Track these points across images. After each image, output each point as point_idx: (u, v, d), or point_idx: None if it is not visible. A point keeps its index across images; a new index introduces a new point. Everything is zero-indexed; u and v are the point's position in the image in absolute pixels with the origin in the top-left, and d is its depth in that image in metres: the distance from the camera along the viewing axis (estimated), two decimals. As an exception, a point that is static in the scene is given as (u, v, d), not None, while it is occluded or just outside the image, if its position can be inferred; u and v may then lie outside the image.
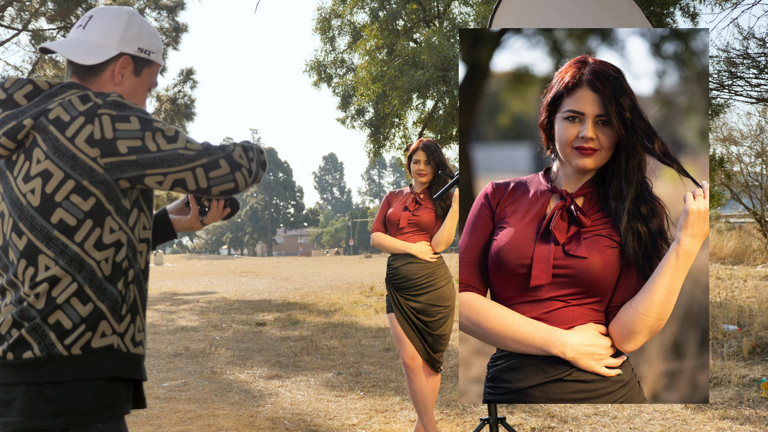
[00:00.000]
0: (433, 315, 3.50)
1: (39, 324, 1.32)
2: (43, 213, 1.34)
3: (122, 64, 1.50)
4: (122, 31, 1.50)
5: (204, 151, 1.41)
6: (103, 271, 1.37)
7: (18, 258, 1.36)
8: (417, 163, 3.60)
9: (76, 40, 1.49)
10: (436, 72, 11.10)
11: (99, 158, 1.35)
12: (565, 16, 3.26)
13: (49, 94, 1.41)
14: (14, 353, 1.32)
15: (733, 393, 4.59)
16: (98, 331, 1.35)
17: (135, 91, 1.53)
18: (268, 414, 4.49)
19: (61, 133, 1.34)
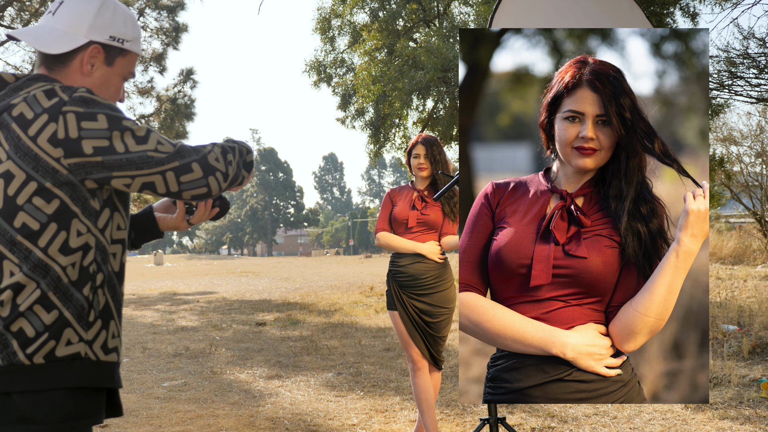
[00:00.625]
0: (436, 317, 3.50)
1: (2, 332, 1.26)
2: (6, 217, 1.27)
3: (91, 53, 1.39)
4: (92, 17, 1.38)
5: (176, 154, 1.31)
6: (69, 276, 1.29)
7: None
8: (417, 157, 3.58)
9: (44, 27, 1.38)
10: (436, 73, 11.10)
11: (62, 159, 1.26)
12: (565, 16, 3.26)
13: (14, 88, 1.32)
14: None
15: (733, 393, 4.59)
16: (63, 339, 1.28)
17: (107, 82, 1.43)
18: (268, 414, 4.49)
19: (23, 132, 1.26)
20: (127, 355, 6.93)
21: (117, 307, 1.39)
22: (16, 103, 1.29)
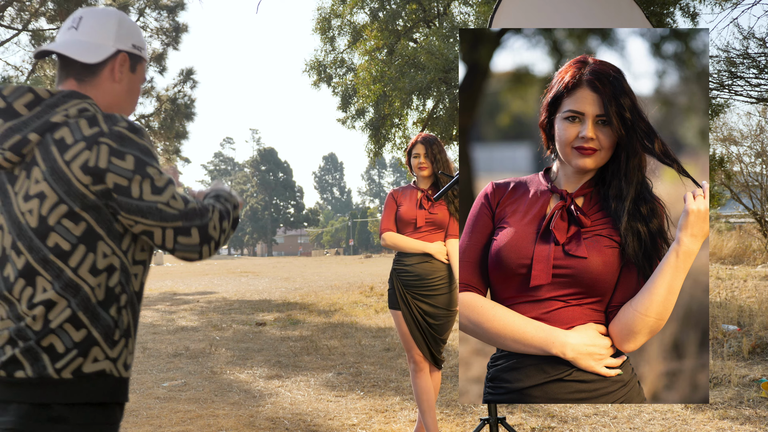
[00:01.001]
0: (440, 318, 3.49)
1: (33, 346, 1.32)
2: (40, 235, 1.33)
3: (120, 61, 1.48)
4: (116, 28, 1.48)
5: (182, 215, 1.37)
6: (96, 296, 1.36)
7: (16, 276, 1.35)
8: (417, 156, 3.57)
9: (73, 40, 1.45)
10: (437, 74, 11.10)
11: (90, 185, 1.33)
12: (565, 16, 3.26)
13: (50, 104, 1.38)
14: (6, 371, 1.33)
15: (733, 393, 4.59)
16: (90, 357, 1.35)
17: (132, 88, 1.53)
18: (268, 414, 4.49)
19: (60, 155, 1.33)
20: (127, 355, 6.93)
21: (135, 325, 1.46)
22: (57, 122, 1.35)
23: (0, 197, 1.38)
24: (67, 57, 1.44)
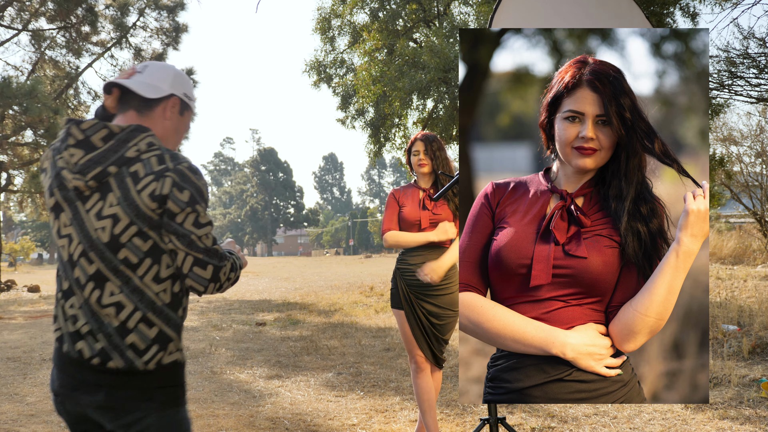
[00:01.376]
0: (444, 319, 3.48)
1: (118, 342, 1.61)
2: (111, 249, 1.61)
3: (172, 103, 1.76)
4: (173, 77, 1.78)
5: (206, 251, 1.64)
6: (162, 300, 1.64)
7: (86, 279, 1.62)
8: (416, 154, 3.56)
9: (138, 81, 1.74)
10: (436, 73, 11.10)
11: (156, 209, 1.60)
12: (564, 17, 3.26)
13: (122, 139, 1.63)
14: (100, 359, 1.61)
15: (733, 393, 4.59)
16: (167, 350, 1.65)
17: (178, 128, 1.80)
18: (268, 414, 4.49)
19: (133, 185, 1.60)
20: (127, 355, 6.93)
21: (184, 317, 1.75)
22: (131, 157, 1.62)
23: (71, 212, 1.64)
24: (131, 92, 1.71)
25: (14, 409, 4.71)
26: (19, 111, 16.16)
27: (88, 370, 1.62)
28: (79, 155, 1.62)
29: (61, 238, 1.67)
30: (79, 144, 1.63)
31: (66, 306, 1.66)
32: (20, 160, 18.20)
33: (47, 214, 1.70)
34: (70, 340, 1.64)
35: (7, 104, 15.75)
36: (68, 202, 1.65)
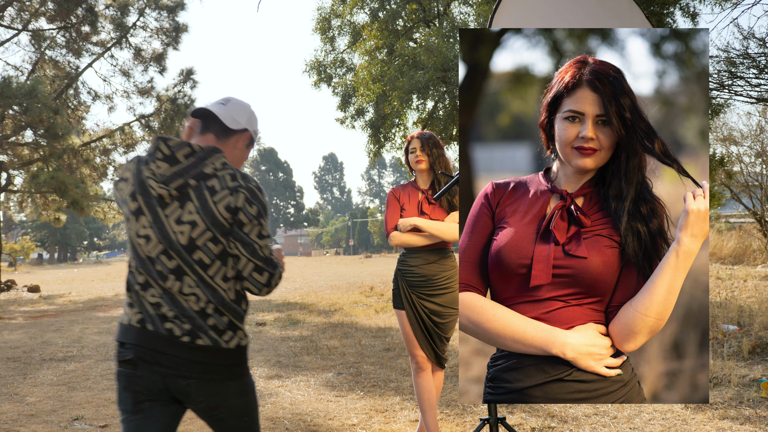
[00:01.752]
0: (446, 317, 3.48)
1: (201, 324, 1.90)
2: (188, 250, 1.89)
3: (245, 137, 2.08)
4: (249, 115, 2.09)
5: (265, 259, 1.95)
6: (229, 295, 1.94)
7: (167, 273, 1.90)
8: (413, 152, 3.56)
9: (223, 111, 2.05)
10: (436, 73, 11.09)
11: (229, 219, 1.88)
12: (564, 17, 3.26)
13: (201, 157, 1.92)
14: (190, 338, 1.89)
15: (733, 393, 4.59)
16: (238, 335, 1.97)
17: (242, 158, 2.11)
18: (268, 414, 4.49)
19: (210, 197, 1.88)
20: (127, 355, 6.93)
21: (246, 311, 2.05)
22: (209, 173, 1.91)
23: (151, 216, 1.90)
24: (214, 118, 2.03)
25: (14, 409, 4.71)
26: (19, 111, 16.16)
27: (177, 345, 1.89)
28: (165, 168, 1.90)
29: (139, 237, 1.93)
30: (166, 158, 1.91)
31: (147, 295, 1.92)
32: (20, 160, 18.20)
33: (124, 218, 2.05)
34: (158, 321, 1.90)
35: (7, 104, 15.75)
36: (149, 207, 1.91)
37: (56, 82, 19.27)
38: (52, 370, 6.21)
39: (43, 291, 18.21)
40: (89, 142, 19.59)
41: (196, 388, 1.92)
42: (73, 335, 8.54)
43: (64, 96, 19.29)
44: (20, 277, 28.69)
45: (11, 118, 17.09)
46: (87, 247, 70.23)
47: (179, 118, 19.87)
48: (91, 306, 13.08)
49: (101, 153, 19.98)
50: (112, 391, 5.23)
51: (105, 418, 4.41)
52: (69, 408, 4.71)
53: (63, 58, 19.32)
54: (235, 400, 1.99)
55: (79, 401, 4.91)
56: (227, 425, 2.00)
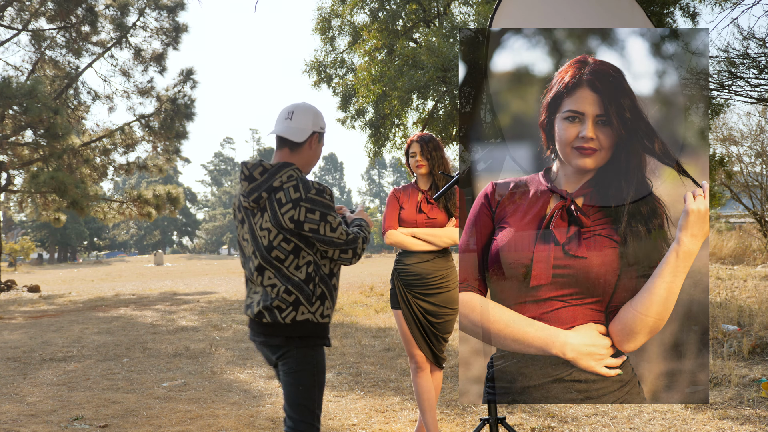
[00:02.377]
0: (442, 317, 3.48)
1: (270, 306, 2.42)
2: (267, 251, 2.42)
3: (315, 138, 2.53)
4: (313, 117, 2.51)
5: (344, 243, 2.43)
6: (299, 278, 2.41)
7: (253, 270, 2.47)
8: (413, 156, 3.56)
9: (289, 128, 2.49)
10: (436, 73, 11.09)
11: (294, 228, 2.38)
12: (565, 17, 3.26)
13: (272, 173, 2.42)
14: (261, 317, 2.45)
15: (733, 393, 4.59)
16: (299, 311, 2.42)
17: (318, 152, 2.57)
18: (268, 414, 4.49)
19: (279, 209, 2.38)
20: (127, 355, 6.93)
21: (329, 293, 2.49)
22: (277, 186, 2.40)
23: (248, 224, 2.48)
24: (286, 138, 2.48)
25: (14, 409, 4.71)
26: (19, 111, 16.15)
27: (258, 324, 2.48)
28: (246, 185, 2.44)
29: (243, 241, 2.52)
30: (246, 178, 2.45)
31: (250, 287, 2.52)
32: (20, 160, 18.19)
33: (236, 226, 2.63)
34: (252, 306, 2.48)
35: (7, 104, 15.75)
36: (247, 217, 2.48)
37: (56, 82, 19.26)
38: (52, 370, 6.21)
39: (43, 291, 18.22)
40: (89, 142, 19.59)
41: (269, 354, 2.52)
42: (73, 335, 8.54)
43: (64, 96, 19.29)
44: (20, 277, 28.70)
45: (11, 118, 17.09)
46: (87, 247, 70.22)
47: (179, 118, 19.87)
48: (91, 306, 13.09)
49: (101, 153, 19.97)
50: (112, 391, 5.23)
51: (105, 418, 4.41)
52: (69, 408, 4.71)
53: (63, 58, 19.32)
54: (293, 365, 2.45)
55: (79, 401, 4.91)
56: (286, 390, 2.48)
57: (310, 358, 2.46)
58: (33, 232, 61.12)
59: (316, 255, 2.44)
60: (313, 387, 2.47)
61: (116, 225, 77.62)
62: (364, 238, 2.50)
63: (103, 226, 67.96)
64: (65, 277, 28.48)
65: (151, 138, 20.32)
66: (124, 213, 20.44)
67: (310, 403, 2.46)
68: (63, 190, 16.31)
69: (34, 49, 18.86)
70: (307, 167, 2.56)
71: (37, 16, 18.28)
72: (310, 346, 2.46)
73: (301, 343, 2.44)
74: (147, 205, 19.84)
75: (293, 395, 2.46)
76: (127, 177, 57.40)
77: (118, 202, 20.60)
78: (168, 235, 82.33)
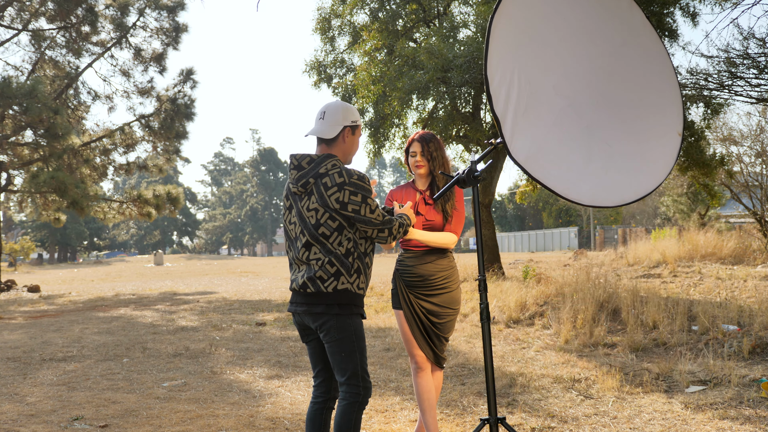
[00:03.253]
0: (443, 317, 3.48)
1: (313, 276, 2.79)
2: (315, 228, 2.80)
3: (347, 132, 2.89)
4: (342, 114, 2.88)
5: (381, 223, 2.83)
6: (340, 252, 2.79)
7: (300, 247, 2.84)
8: (413, 155, 3.53)
9: (322, 128, 2.86)
10: (436, 73, 11.08)
11: (339, 208, 2.76)
12: (565, 17, 3.26)
13: (318, 162, 2.81)
14: (305, 288, 2.81)
15: (733, 393, 4.59)
16: (339, 281, 2.79)
17: (353, 144, 2.93)
18: (268, 414, 4.49)
19: (325, 192, 2.77)
20: (127, 355, 6.93)
21: (364, 268, 2.87)
22: (322, 173, 2.79)
23: (295, 208, 2.87)
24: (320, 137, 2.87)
25: (14, 409, 4.71)
26: (19, 111, 16.15)
27: (301, 294, 2.84)
28: (295, 173, 2.85)
29: (290, 224, 2.90)
30: (295, 167, 2.85)
31: (294, 263, 2.90)
32: (20, 160, 18.19)
33: (283, 213, 3.01)
34: (297, 279, 2.86)
35: (7, 104, 15.74)
36: (294, 202, 2.88)
37: (56, 82, 19.26)
38: (52, 370, 6.21)
39: (43, 291, 18.22)
40: (89, 142, 19.59)
41: (312, 321, 2.82)
42: (73, 335, 8.55)
43: (64, 96, 19.29)
44: (20, 277, 28.69)
45: (11, 118, 17.09)
46: (87, 247, 70.20)
47: (179, 118, 19.86)
48: (91, 306, 13.09)
49: (101, 153, 19.97)
50: (112, 391, 5.23)
51: (105, 418, 4.41)
52: (69, 408, 4.72)
53: (63, 58, 19.31)
54: (334, 334, 2.78)
55: (79, 401, 4.91)
56: (331, 359, 2.81)
57: (348, 326, 2.78)
58: (33, 232, 61.11)
59: (355, 234, 2.81)
60: (354, 352, 2.79)
61: (116, 225, 77.58)
62: (401, 224, 2.90)
63: (103, 226, 67.96)
64: (65, 277, 28.48)
65: (151, 138, 20.32)
66: (124, 213, 20.45)
67: (353, 367, 2.78)
68: (63, 190, 16.31)
69: (34, 49, 18.86)
70: (345, 158, 2.90)
71: (37, 16, 18.27)
72: (347, 314, 2.79)
73: (340, 310, 2.77)
74: (147, 205, 19.84)
75: (338, 362, 2.78)
76: (127, 177, 57.28)
77: (118, 202, 20.60)
78: (168, 235, 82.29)
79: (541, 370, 5.62)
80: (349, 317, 2.79)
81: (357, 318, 2.83)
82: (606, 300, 7.89)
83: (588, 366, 5.67)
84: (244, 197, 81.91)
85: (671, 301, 7.73)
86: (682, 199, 27.35)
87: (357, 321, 2.82)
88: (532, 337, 7.32)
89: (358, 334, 2.80)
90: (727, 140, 16.81)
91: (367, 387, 2.81)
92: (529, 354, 6.40)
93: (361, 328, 2.81)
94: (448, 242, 3.45)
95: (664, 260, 13.64)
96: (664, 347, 6.31)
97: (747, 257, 13.45)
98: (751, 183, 16.63)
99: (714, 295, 8.59)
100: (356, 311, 2.83)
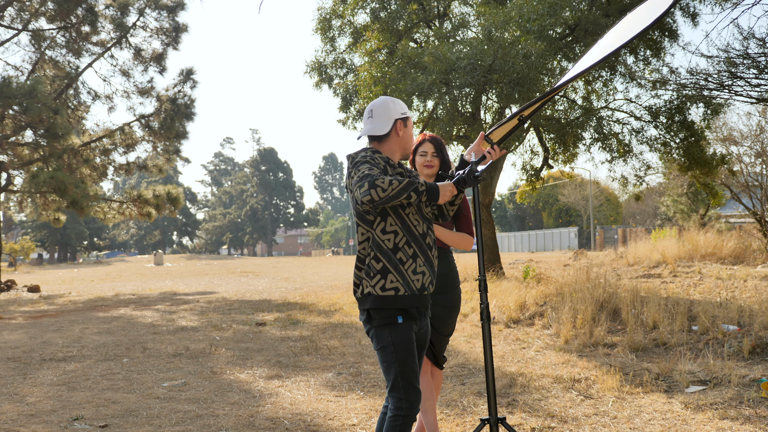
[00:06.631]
0: (443, 317, 3.48)
1: (359, 274, 2.71)
2: (360, 216, 2.70)
3: (398, 125, 2.80)
4: (390, 108, 2.80)
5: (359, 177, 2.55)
6: (387, 246, 2.65)
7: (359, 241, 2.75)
8: (424, 155, 3.50)
9: (372, 126, 2.78)
10: (438, 76, 11.07)
11: (349, 190, 2.66)
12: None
13: (358, 152, 2.76)
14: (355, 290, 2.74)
15: (733, 393, 4.59)
16: (387, 280, 2.63)
17: (408, 134, 2.83)
18: (268, 414, 4.49)
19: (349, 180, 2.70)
20: (127, 355, 6.93)
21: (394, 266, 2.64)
22: (358, 161, 2.66)
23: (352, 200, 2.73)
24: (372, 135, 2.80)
25: (14, 409, 4.71)
26: (19, 111, 16.15)
27: None
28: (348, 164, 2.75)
29: None
30: (350, 159, 2.75)
31: None
32: (20, 160, 18.19)
33: None
34: None
35: (7, 104, 15.74)
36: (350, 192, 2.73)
37: (56, 82, 19.26)
38: (52, 370, 6.21)
39: (43, 291, 18.22)
40: (89, 142, 19.59)
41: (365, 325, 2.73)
42: (73, 335, 8.55)
43: (64, 96, 19.28)
44: (20, 277, 28.69)
45: (11, 118, 17.09)
46: (87, 247, 70.18)
47: (179, 118, 19.86)
48: (91, 306, 13.09)
49: (101, 153, 19.97)
50: (112, 391, 5.23)
51: (105, 418, 4.41)
52: (69, 408, 4.71)
53: (63, 58, 19.31)
54: (374, 344, 2.68)
55: (79, 401, 4.91)
56: None
57: (384, 337, 2.63)
58: (33, 232, 61.11)
59: (375, 230, 2.65)
60: (392, 363, 2.62)
61: (116, 225, 77.54)
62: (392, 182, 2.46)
63: (103, 226, 67.92)
64: (65, 277, 28.48)
65: (151, 138, 20.32)
66: (124, 213, 20.45)
67: (393, 378, 2.63)
68: (63, 190, 16.31)
69: (34, 49, 18.86)
70: (405, 152, 2.83)
71: (37, 16, 18.27)
72: (382, 324, 2.62)
73: (375, 316, 2.63)
74: (147, 205, 19.84)
75: (383, 371, 2.68)
76: (127, 177, 57.18)
77: (118, 202, 20.60)
78: (168, 235, 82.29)
79: (541, 370, 5.62)
80: (384, 327, 2.61)
81: (394, 326, 2.61)
82: (606, 300, 7.89)
83: (588, 366, 5.67)
84: (244, 197, 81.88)
85: (671, 301, 7.73)
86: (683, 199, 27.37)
87: (394, 329, 2.61)
88: (532, 337, 7.32)
89: (397, 343, 2.60)
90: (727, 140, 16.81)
91: (411, 400, 2.61)
92: (529, 354, 6.40)
93: (398, 336, 2.59)
94: (465, 243, 3.47)
95: (664, 260, 13.64)
96: (664, 347, 6.31)
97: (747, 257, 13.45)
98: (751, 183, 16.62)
99: (714, 295, 8.59)
100: (390, 315, 2.61)
